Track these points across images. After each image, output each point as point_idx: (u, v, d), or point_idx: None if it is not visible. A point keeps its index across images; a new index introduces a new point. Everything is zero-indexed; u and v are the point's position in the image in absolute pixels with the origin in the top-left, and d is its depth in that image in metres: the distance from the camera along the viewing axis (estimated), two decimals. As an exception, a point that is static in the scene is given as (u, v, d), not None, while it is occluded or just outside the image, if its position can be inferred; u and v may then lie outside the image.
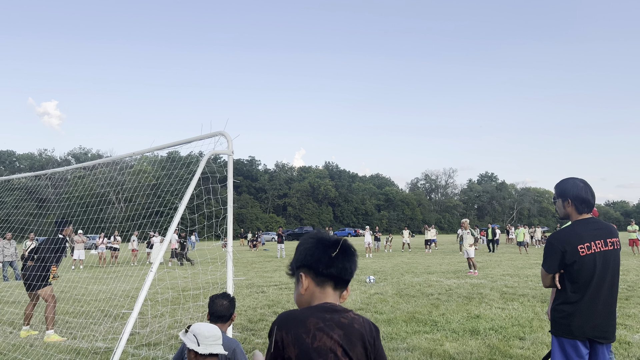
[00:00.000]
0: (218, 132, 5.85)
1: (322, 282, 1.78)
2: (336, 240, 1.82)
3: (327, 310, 1.72)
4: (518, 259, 21.94)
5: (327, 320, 1.68)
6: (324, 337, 1.65)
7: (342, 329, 1.68)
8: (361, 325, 1.74)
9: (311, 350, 1.63)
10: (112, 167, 13.95)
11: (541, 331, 7.14)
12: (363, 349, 1.71)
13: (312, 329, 1.66)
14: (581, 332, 3.15)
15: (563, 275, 3.24)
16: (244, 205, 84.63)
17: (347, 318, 1.72)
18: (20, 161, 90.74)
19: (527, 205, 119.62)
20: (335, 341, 1.66)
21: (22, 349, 6.73)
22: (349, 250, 1.82)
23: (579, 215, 3.29)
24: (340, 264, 1.78)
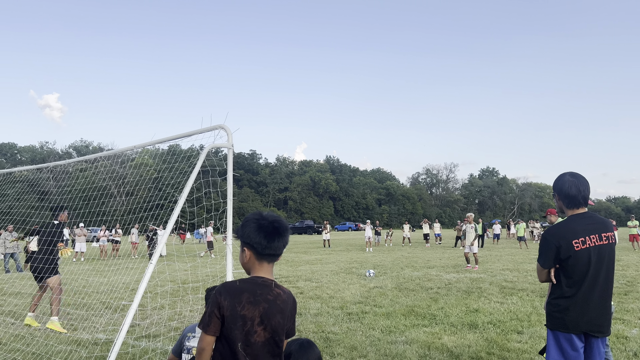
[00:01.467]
0: (218, 126, 5.86)
1: (260, 259, 2.27)
2: (272, 226, 2.25)
3: (260, 285, 2.21)
4: (518, 254, 21.98)
5: (257, 295, 2.17)
6: (251, 308, 2.15)
7: (267, 303, 2.17)
8: (283, 301, 2.23)
9: (238, 316, 2.13)
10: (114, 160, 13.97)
11: (539, 325, 7.18)
12: (281, 320, 2.20)
13: (244, 301, 2.15)
14: (576, 326, 3.18)
15: (558, 270, 3.26)
16: (244, 199, 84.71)
17: (272, 295, 2.20)
18: (22, 154, 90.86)
19: (529, 200, 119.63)
20: (257, 313, 2.15)
21: (23, 340, 6.79)
22: (283, 231, 2.27)
23: (570, 210, 3.31)
24: (275, 245, 2.25)
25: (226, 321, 2.16)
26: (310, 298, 9.90)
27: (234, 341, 2.15)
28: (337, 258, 20.83)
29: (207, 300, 3.62)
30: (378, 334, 6.79)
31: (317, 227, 60.79)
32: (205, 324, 2.17)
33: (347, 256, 21.91)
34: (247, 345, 2.15)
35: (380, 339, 6.50)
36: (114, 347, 4.76)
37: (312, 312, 8.42)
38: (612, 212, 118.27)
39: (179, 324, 7.62)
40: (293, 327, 2.35)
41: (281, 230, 2.27)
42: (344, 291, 10.78)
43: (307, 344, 2.67)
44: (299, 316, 8.08)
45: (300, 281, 12.68)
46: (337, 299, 9.78)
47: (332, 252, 25.26)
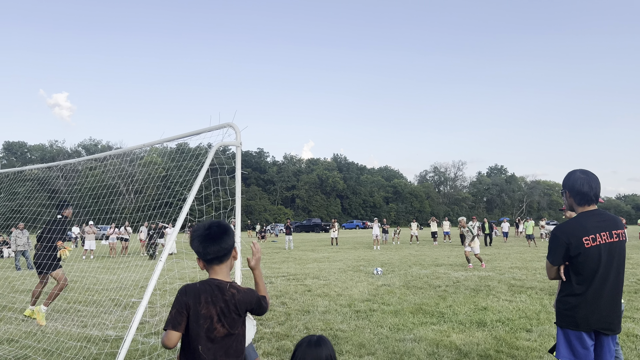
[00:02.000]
0: (226, 124, 5.88)
1: (209, 264, 2.60)
2: (205, 233, 2.54)
3: (216, 287, 2.53)
4: (526, 252, 21.87)
5: (215, 296, 2.50)
6: (210, 307, 2.49)
7: (223, 303, 2.50)
8: (238, 300, 2.53)
9: (200, 314, 2.47)
10: (123, 158, 14.06)
11: (548, 323, 7.15)
12: (236, 316, 2.52)
13: (203, 301, 2.49)
14: (586, 323, 3.16)
15: (568, 267, 3.25)
16: (252, 197, 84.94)
17: (228, 295, 2.51)
18: (32, 152, 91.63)
19: (537, 198, 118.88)
20: (215, 311, 2.48)
21: (35, 336, 6.86)
22: (215, 236, 2.54)
23: (581, 208, 3.29)
24: (211, 249, 2.53)
25: (190, 319, 2.48)
26: (318, 296, 9.91)
27: (195, 337, 2.47)
28: (344, 256, 20.83)
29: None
30: (386, 331, 6.80)
31: (325, 225, 60.81)
32: (176, 323, 2.46)
33: (354, 254, 21.91)
34: (208, 340, 2.47)
35: (388, 336, 6.51)
36: (123, 344, 4.80)
37: (320, 309, 8.44)
38: (621, 210, 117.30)
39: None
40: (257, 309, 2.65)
41: (212, 236, 2.54)
42: (352, 289, 10.78)
43: (316, 341, 2.65)
44: (307, 314, 8.09)
45: (308, 279, 12.71)
46: (345, 296, 9.79)
47: (339, 250, 25.27)
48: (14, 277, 14.71)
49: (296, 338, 6.47)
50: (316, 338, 2.66)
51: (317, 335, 2.69)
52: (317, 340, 2.63)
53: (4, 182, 12.07)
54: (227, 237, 2.56)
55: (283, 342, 6.28)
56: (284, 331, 6.89)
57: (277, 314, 8.14)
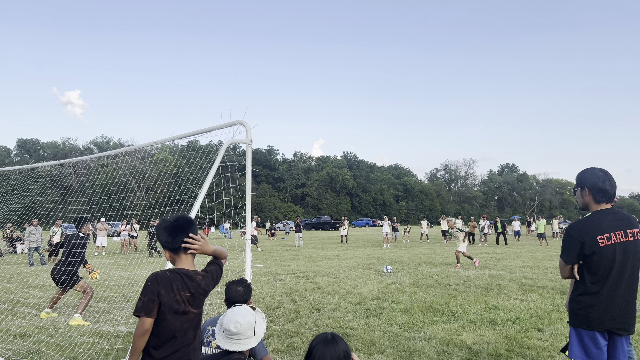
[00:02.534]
0: (237, 121, 5.89)
1: (176, 253, 2.79)
2: (173, 224, 2.77)
3: (184, 275, 2.73)
4: (538, 251, 21.70)
5: (184, 283, 2.71)
6: (181, 293, 2.68)
7: (193, 290, 2.72)
8: (206, 284, 2.79)
9: (172, 300, 2.65)
10: (134, 155, 14.15)
11: (560, 323, 7.09)
12: (204, 298, 2.80)
13: (175, 288, 2.68)
14: (600, 323, 3.13)
15: (582, 266, 3.21)
16: (262, 195, 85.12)
17: (195, 281, 2.74)
18: (45, 149, 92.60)
19: (549, 196, 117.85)
20: (186, 297, 2.69)
21: (47, 331, 6.93)
22: (184, 227, 2.77)
23: (597, 206, 3.25)
24: (179, 239, 2.75)
25: (162, 306, 2.65)
26: (327, 293, 9.91)
27: (171, 321, 2.66)
28: (354, 254, 20.82)
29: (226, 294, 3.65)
30: (396, 329, 6.78)
31: (335, 223, 60.78)
32: (148, 310, 2.61)
33: (364, 252, 21.89)
34: (184, 321, 2.70)
35: (398, 334, 6.49)
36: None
37: (329, 307, 8.44)
38: (635, 208, 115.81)
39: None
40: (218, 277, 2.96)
41: (180, 226, 2.77)
42: (362, 287, 10.77)
43: (331, 338, 2.63)
44: (317, 311, 8.10)
45: (317, 276, 12.71)
46: (354, 294, 9.78)
47: (349, 248, 25.25)
48: (27, 272, 14.89)
49: (306, 335, 6.48)
50: (331, 335, 2.64)
51: (329, 332, 2.68)
52: (332, 337, 2.61)
53: (18, 179, 12.21)
54: (192, 228, 2.79)
55: (293, 340, 6.29)
56: (294, 328, 6.90)
57: (287, 311, 8.15)
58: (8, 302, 9.43)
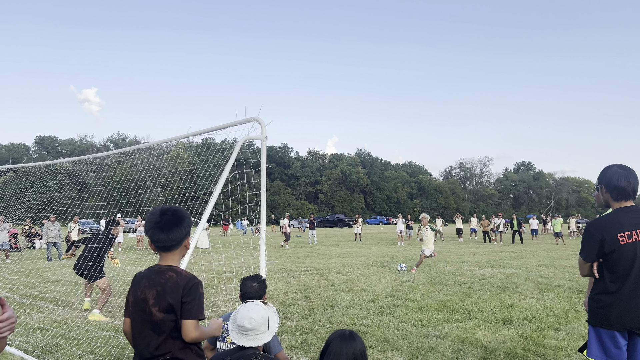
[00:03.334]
0: (252, 118, 5.90)
1: (157, 249, 2.58)
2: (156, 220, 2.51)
3: (155, 272, 2.53)
4: (554, 250, 21.45)
5: (151, 280, 2.51)
6: (146, 292, 2.49)
7: (160, 286, 2.47)
8: (174, 282, 2.47)
9: (139, 299, 2.51)
10: (150, 152, 14.28)
11: (577, 322, 7.00)
12: (172, 300, 2.44)
13: (142, 286, 2.52)
14: (620, 322, 3.07)
15: (602, 265, 3.16)
16: (276, 192, 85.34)
17: (164, 279, 2.48)
18: (62, 146, 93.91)
19: (565, 195, 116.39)
20: (151, 295, 2.47)
21: (65, 325, 7.03)
22: (165, 227, 2.50)
23: (617, 203, 3.19)
24: (160, 239, 2.51)
25: (130, 304, 2.56)
26: (341, 290, 9.91)
27: (134, 322, 2.53)
28: (368, 251, 20.78)
29: (241, 290, 3.67)
30: (410, 327, 6.75)
31: (348, 221, 60.73)
32: (126, 308, 2.61)
33: (378, 250, 21.84)
34: (144, 322, 2.48)
35: (412, 332, 6.46)
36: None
37: (343, 304, 8.43)
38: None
39: (213, 313, 7.75)
40: (193, 309, 2.47)
41: (162, 225, 2.50)
42: (376, 284, 10.74)
43: (349, 335, 2.62)
44: (331, 308, 8.09)
45: (331, 274, 12.71)
46: (368, 292, 9.76)
47: (363, 245, 25.21)
48: (46, 267, 15.11)
49: (320, 332, 6.48)
50: (348, 332, 2.63)
51: (348, 329, 2.67)
52: (350, 334, 2.60)
53: (36, 176, 12.38)
54: (177, 229, 2.52)
55: (307, 336, 6.30)
56: (308, 325, 6.90)
57: (301, 307, 8.16)
58: (27, 297, 9.58)
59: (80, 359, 5.36)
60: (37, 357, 5.43)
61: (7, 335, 1.67)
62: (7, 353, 5.59)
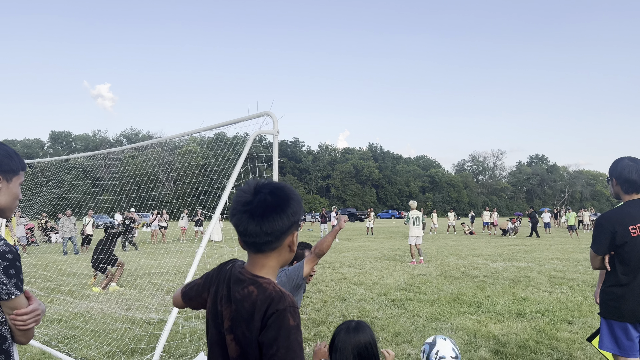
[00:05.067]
0: (264, 113, 5.93)
1: (243, 246, 1.64)
2: (246, 200, 1.56)
3: (236, 279, 1.61)
4: (568, 243, 21.28)
5: (229, 289, 1.61)
6: (222, 306, 1.62)
7: (235, 304, 1.57)
8: (251, 306, 1.52)
9: (217, 312, 1.63)
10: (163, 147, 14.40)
11: (591, 315, 6.97)
12: (246, 332, 1.52)
13: (219, 295, 1.65)
14: (632, 315, 3.08)
15: (613, 257, 3.16)
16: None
17: (241, 294, 1.56)
18: (76, 142, 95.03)
19: (580, 188, 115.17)
20: (227, 314, 1.59)
21: (82, 318, 7.17)
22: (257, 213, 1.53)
23: (628, 196, 3.18)
24: (241, 226, 1.56)
25: (207, 313, 1.71)
26: (354, 284, 9.95)
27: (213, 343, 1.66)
28: (380, 245, 20.79)
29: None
30: (423, 320, 6.78)
31: (360, 215, 60.71)
32: (188, 287, 1.87)
33: (390, 244, 21.84)
34: (222, 349, 1.61)
35: (425, 325, 6.49)
36: (166, 326, 4.97)
37: (355, 297, 8.48)
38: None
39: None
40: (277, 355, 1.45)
41: (253, 210, 1.53)
42: (388, 278, 10.77)
43: (354, 327, 2.58)
44: (343, 301, 8.14)
45: (343, 267, 12.76)
46: (380, 285, 9.79)
47: (375, 239, 25.23)
48: (62, 261, 15.35)
49: (333, 324, 6.53)
50: (355, 324, 2.57)
51: (355, 320, 2.64)
52: (355, 326, 2.54)
53: (52, 171, 12.57)
54: (277, 216, 1.53)
55: (320, 328, 6.35)
56: (321, 317, 6.96)
57: (314, 300, 8.22)
58: (44, 290, 9.76)
59: (98, 350, 5.47)
60: (55, 348, 5.55)
61: (33, 327, 1.72)
62: (27, 345, 5.71)
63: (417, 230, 13.85)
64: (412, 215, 14.07)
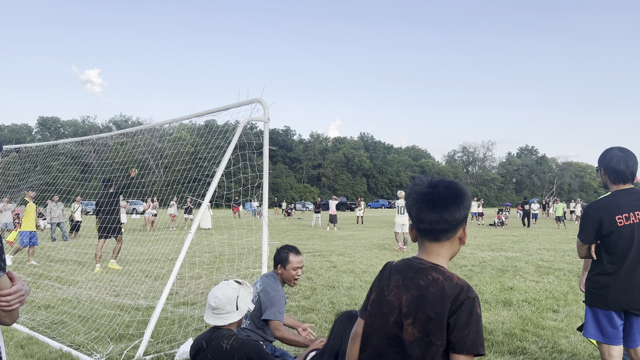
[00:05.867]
0: (255, 99, 5.90)
1: (420, 235, 1.77)
2: (426, 191, 1.72)
3: (414, 268, 1.74)
4: (555, 234, 21.52)
5: (407, 279, 1.73)
6: (397, 294, 1.73)
7: (417, 290, 1.68)
8: (440, 291, 1.64)
9: (384, 300, 1.76)
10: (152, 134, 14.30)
11: (576, 304, 7.07)
12: (433, 315, 1.63)
13: (392, 285, 1.76)
14: (617, 303, 3.13)
15: (599, 246, 3.20)
16: (278, 175, 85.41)
17: (425, 280, 1.68)
18: (65, 127, 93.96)
19: (568, 180, 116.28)
20: (405, 300, 1.70)
21: (70, 303, 7.13)
22: (439, 200, 1.69)
23: (615, 186, 3.22)
24: (424, 217, 1.70)
25: (370, 305, 1.82)
26: (343, 272, 10.00)
27: (373, 333, 1.76)
28: (370, 234, 20.88)
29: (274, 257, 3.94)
30: (411, 308, 6.82)
31: (351, 204, 60.86)
32: (362, 308, 1.88)
33: (380, 233, 21.94)
34: (390, 340, 1.70)
35: (412, 313, 6.53)
36: (154, 312, 4.96)
37: (345, 285, 8.52)
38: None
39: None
40: (468, 337, 1.59)
41: (436, 199, 1.69)
42: (377, 266, 10.83)
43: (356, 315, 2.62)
44: (332, 289, 8.17)
45: (333, 255, 12.81)
46: (370, 273, 9.85)
47: (365, 228, 25.32)
48: (50, 247, 15.25)
49: (321, 312, 6.57)
50: (356, 313, 2.62)
51: (353, 310, 2.67)
52: (357, 314, 2.60)
53: (39, 157, 12.43)
54: (456, 207, 1.69)
55: (309, 315, 6.38)
56: (310, 305, 6.99)
57: (303, 288, 8.25)
58: (32, 275, 9.70)
59: (86, 335, 5.45)
60: (42, 334, 5.53)
61: (18, 308, 1.71)
62: (14, 329, 5.69)
63: (402, 219, 14.43)
64: (398, 204, 14.94)
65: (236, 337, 2.73)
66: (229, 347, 2.67)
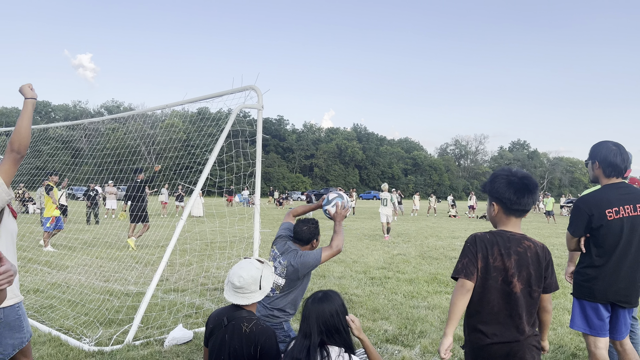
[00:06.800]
0: (248, 86, 5.86)
1: (508, 214, 2.44)
2: (522, 182, 2.39)
3: (508, 239, 2.39)
4: (545, 228, 21.70)
5: (507, 248, 2.36)
6: (501, 260, 2.34)
7: (517, 255, 2.35)
8: (534, 253, 2.38)
9: (491, 266, 2.34)
10: (144, 120, 14.21)
11: (563, 297, 7.14)
12: (532, 271, 2.35)
13: (495, 253, 2.35)
14: (604, 295, 3.16)
15: (589, 239, 3.22)
16: (271, 164, 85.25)
17: (522, 247, 2.37)
18: (56, 112, 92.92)
19: (559, 175, 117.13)
20: (510, 265, 2.33)
21: (59, 288, 7.11)
22: (532, 188, 2.39)
23: (607, 180, 3.24)
24: (524, 201, 2.39)
25: (480, 271, 2.36)
26: (333, 262, 10.02)
27: (489, 289, 2.35)
28: (361, 225, 20.94)
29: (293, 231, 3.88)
30: (400, 298, 6.88)
31: (342, 195, 60.91)
32: (468, 272, 2.36)
33: (371, 224, 22.01)
34: (503, 295, 2.33)
35: (402, 303, 6.58)
36: (145, 298, 4.96)
37: (335, 274, 8.55)
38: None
39: (206, 279, 7.85)
40: (553, 282, 2.46)
41: (530, 187, 2.39)
42: (367, 257, 10.88)
43: (320, 297, 2.59)
44: (323, 278, 8.20)
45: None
46: (360, 263, 9.89)
47: (356, 219, 25.39)
48: (39, 232, 15.13)
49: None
50: (321, 294, 2.59)
51: (324, 290, 2.65)
52: (322, 296, 2.57)
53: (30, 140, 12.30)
54: (536, 193, 2.45)
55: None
56: (300, 294, 7.01)
57: (293, 277, 8.26)
58: (21, 259, 9.64)
59: (75, 320, 5.44)
60: (32, 317, 5.51)
61: (6, 287, 1.69)
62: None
63: (385, 210, 15.33)
64: (381, 196, 15.74)
65: (257, 322, 2.69)
66: (248, 331, 2.64)
